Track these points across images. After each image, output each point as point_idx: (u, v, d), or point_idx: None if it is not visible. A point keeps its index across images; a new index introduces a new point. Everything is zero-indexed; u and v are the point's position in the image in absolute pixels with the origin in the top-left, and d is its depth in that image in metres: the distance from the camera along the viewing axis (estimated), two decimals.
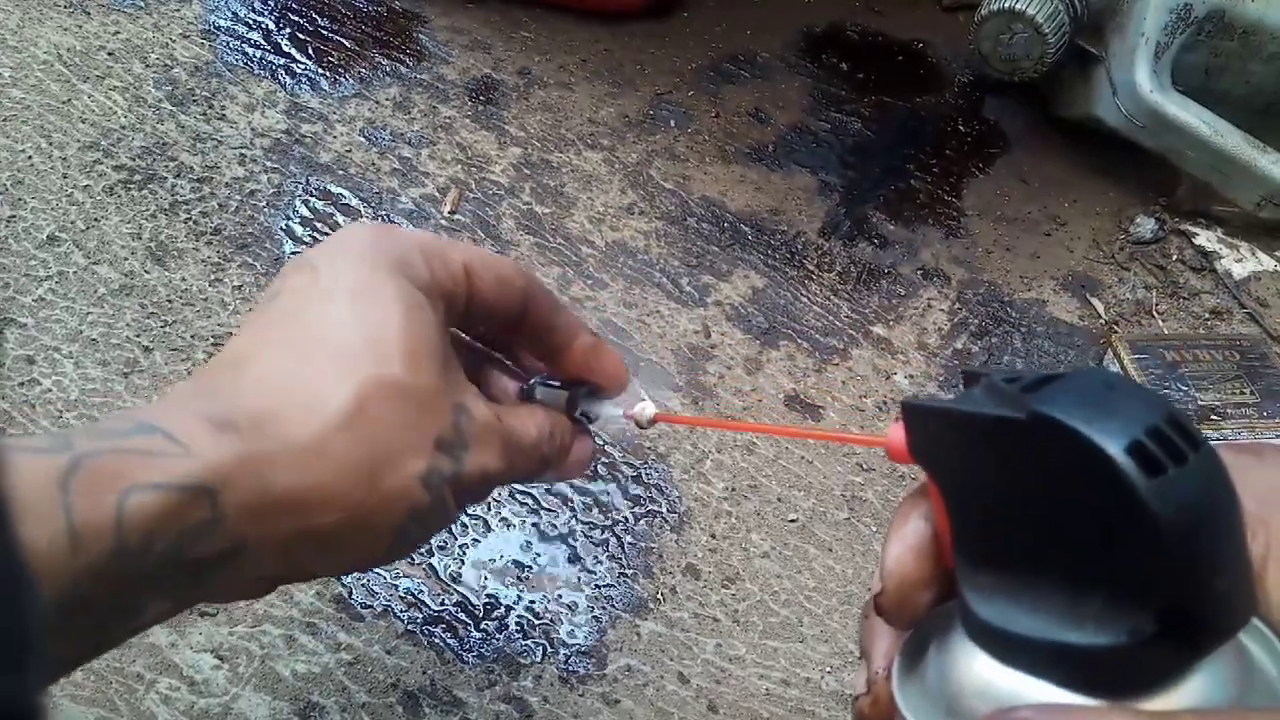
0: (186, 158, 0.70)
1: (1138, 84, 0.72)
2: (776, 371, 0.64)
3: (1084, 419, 0.21)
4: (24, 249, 0.64)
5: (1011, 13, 0.72)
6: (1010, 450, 0.23)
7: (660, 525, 0.57)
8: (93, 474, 0.28)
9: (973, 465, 0.24)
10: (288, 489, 0.31)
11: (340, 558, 0.34)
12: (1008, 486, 0.23)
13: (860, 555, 0.57)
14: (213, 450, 0.30)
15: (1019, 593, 0.23)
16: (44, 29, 0.76)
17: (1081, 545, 0.22)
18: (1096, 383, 0.22)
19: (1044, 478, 0.22)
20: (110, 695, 0.48)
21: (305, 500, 0.31)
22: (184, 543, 0.29)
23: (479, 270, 0.37)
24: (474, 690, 0.50)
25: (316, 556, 0.33)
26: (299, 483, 0.31)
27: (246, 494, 0.30)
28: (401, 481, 0.33)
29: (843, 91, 0.82)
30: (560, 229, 0.70)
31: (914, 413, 0.25)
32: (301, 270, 0.36)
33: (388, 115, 0.75)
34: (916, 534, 0.26)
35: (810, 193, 0.75)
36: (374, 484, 0.32)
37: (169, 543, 0.29)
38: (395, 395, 0.33)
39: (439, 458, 0.34)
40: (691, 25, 0.86)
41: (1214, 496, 0.22)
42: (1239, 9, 0.72)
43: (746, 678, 0.52)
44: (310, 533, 0.32)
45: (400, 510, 0.33)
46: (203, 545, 0.30)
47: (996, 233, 0.74)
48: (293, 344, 0.34)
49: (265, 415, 0.32)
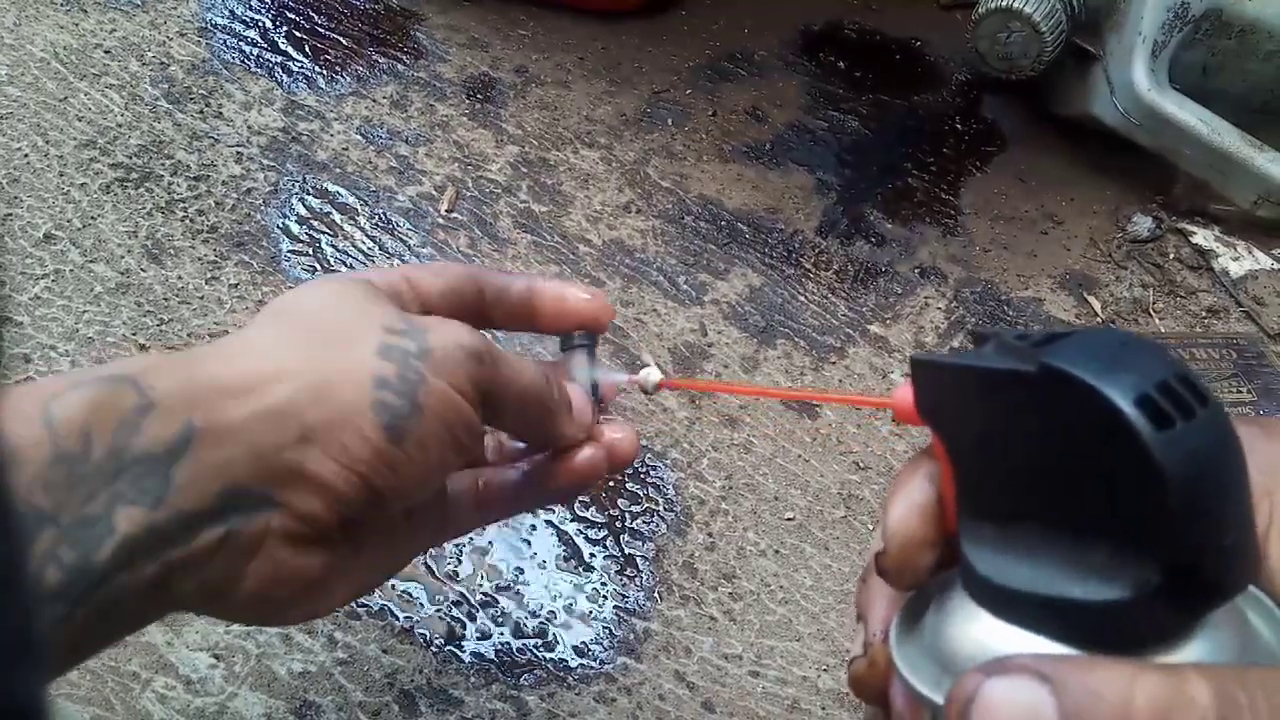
0: (183, 156, 0.70)
1: (1135, 82, 0.72)
2: (773, 370, 0.64)
3: (1094, 372, 0.21)
4: (20, 247, 0.64)
5: (1009, 11, 0.72)
6: (1019, 404, 0.23)
7: (657, 523, 0.57)
8: (17, 394, 0.29)
9: (980, 421, 0.24)
10: (219, 371, 0.31)
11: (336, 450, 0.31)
12: (1015, 441, 0.23)
13: (857, 554, 0.56)
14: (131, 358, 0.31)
15: (1022, 549, 0.23)
16: (40, 27, 0.76)
17: (1087, 499, 0.22)
18: (1107, 339, 0.22)
19: (1052, 432, 0.22)
20: (106, 694, 0.48)
21: (237, 381, 0.31)
22: (123, 433, 0.29)
23: (414, 274, 0.37)
24: (470, 689, 0.50)
25: (302, 447, 0.31)
26: (224, 366, 0.31)
27: (171, 379, 0.30)
28: (354, 355, 0.32)
29: (840, 90, 0.82)
30: (557, 227, 0.70)
31: (923, 369, 0.25)
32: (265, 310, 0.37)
33: (385, 113, 0.75)
34: (921, 493, 0.26)
35: (808, 191, 0.75)
36: (313, 358, 0.32)
37: (107, 436, 0.29)
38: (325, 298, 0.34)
39: (390, 336, 0.33)
40: (689, 23, 0.86)
41: (1221, 453, 0.22)
42: (1236, 8, 0.72)
43: (743, 676, 0.52)
44: (268, 411, 0.30)
45: (363, 380, 0.31)
46: (144, 436, 0.29)
47: (994, 231, 0.74)
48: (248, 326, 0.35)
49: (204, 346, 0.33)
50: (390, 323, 0.33)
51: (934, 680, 0.24)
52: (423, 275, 0.38)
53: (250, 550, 0.31)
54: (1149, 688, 0.19)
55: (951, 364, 0.24)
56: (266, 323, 0.34)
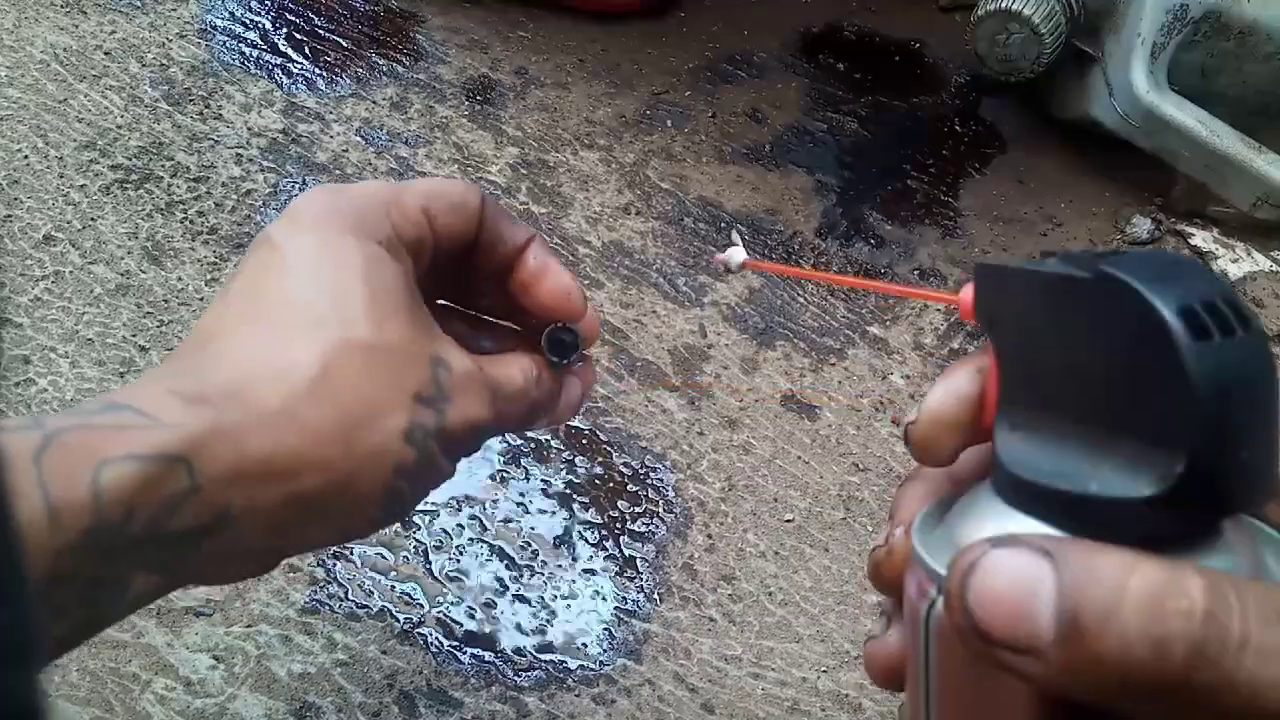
0: (183, 157, 0.70)
1: (1134, 84, 0.72)
2: (773, 371, 0.64)
3: (1144, 280, 0.22)
4: (20, 249, 0.64)
5: (1008, 13, 0.72)
6: (1071, 307, 0.24)
7: (657, 525, 0.57)
8: (65, 449, 0.28)
9: (1031, 323, 0.25)
10: (262, 455, 0.31)
11: (333, 524, 0.33)
12: (1061, 343, 0.25)
13: (856, 555, 0.57)
14: (183, 421, 0.30)
15: (1051, 446, 0.24)
16: (40, 28, 0.76)
17: (1119, 401, 0.23)
18: (1164, 257, 0.24)
19: (1098, 335, 0.23)
20: (106, 695, 0.48)
21: (282, 466, 0.31)
22: (164, 514, 0.29)
23: (436, 209, 0.36)
24: (470, 690, 0.50)
25: (307, 525, 0.33)
26: (272, 449, 0.31)
27: (222, 462, 0.30)
28: (381, 440, 0.33)
29: (839, 91, 0.82)
30: (557, 229, 0.70)
31: (986, 272, 0.26)
32: (260, 246, 0.36)
33: (384, 115, 0.75)
34: (965, 382, 0.27)
35: (807, 193, 0.75)
36: (350, 445, 0.32)
37: (149, 514, 0.29)
38: (363, 356, 0.33)
39: (420, 412, 0.33)
40: (688, 25, 0.86)
41: (1254, 372, 0.23)
42: (1235, 9, 0.72)
43: (743, 678, 0.52)
44: (295, 499, 0.32)
45: (385, 469, 0.33)
46: (184, 516, 0.30)
47: (993, 233, 0.74)
48: (258, 318, 0.34)
49: (234, 387, 0.32)
50: (422, 384, 0.34)
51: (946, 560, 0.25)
52: (444, 216, 0.37)
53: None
54: (1146, 574, 0.20)
55: (1015, 267, 0.26)
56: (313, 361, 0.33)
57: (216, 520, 0.30)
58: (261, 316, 0.34)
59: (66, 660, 0.48)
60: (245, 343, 0.33)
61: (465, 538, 0.55)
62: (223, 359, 0.33)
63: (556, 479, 0.58)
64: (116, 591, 0.30)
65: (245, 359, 0.33)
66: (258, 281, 0.35)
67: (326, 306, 0.33)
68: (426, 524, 0.55)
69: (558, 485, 0.57)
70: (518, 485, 0.57)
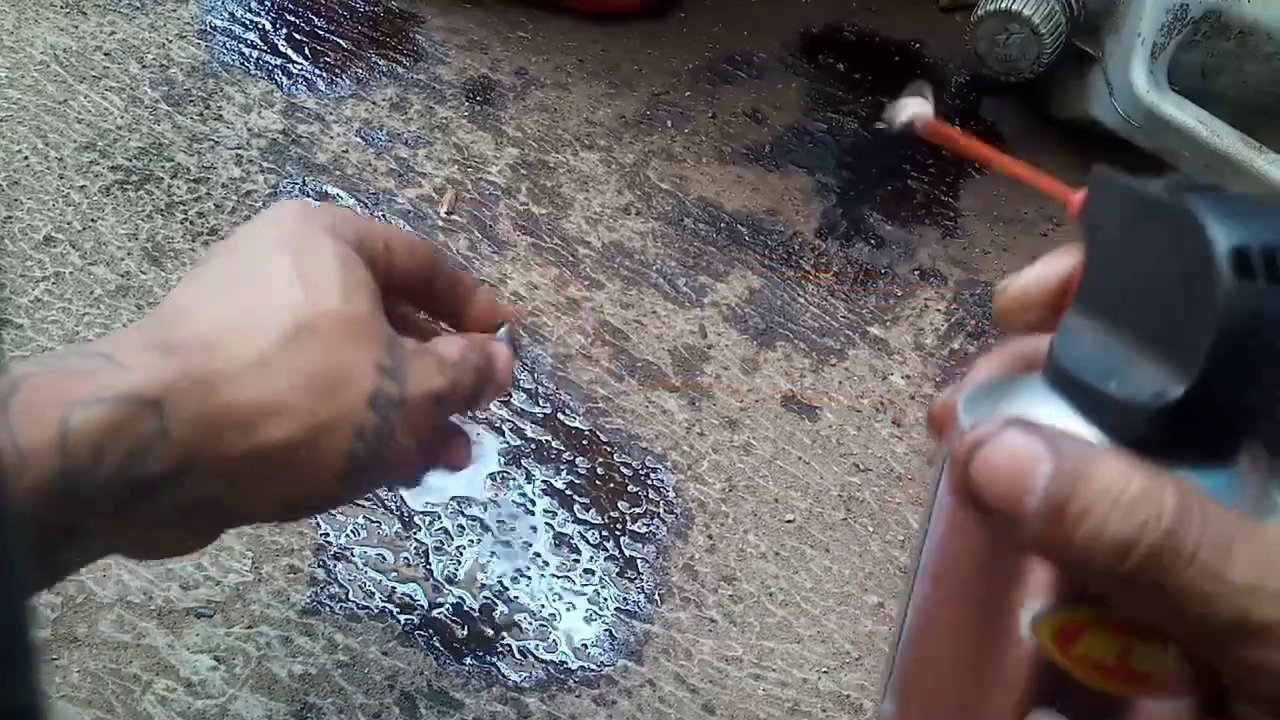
0: (183, 158, 0.70)
1: (1134, 84, 0.72)
2: (773, 372, 0.64)
3: (1214, 216, 0.24)
4: (20, 250, 0.64)
5: (1008, 13, 0.72)
6: (1154, 228, 0.26)
7: (658, 526, 0.57)
8: (33, 392, 0.29)
9: (1120, 235, 0.28)
10: (231, 401, 0.32)
11: (289, 486, 0.34)
12: (1137, 258, 0.27)
13: (857, 556, 0.57)
14: (155, 367, 0.31)
15: (1099, 347, 0.27)
16: (40, 29, 0.76)
17: (1165, 319, 0.25)
18: (1248, 201, 0.25)
19: (1166, 257, 0.25)
20: (107, 696, 0.48)
21: (249, 414, 0.32)
22: (132, 457, 0.29)
23: (397, 245, 0.40)
24: (470, 691, 0.50)
25: (265, 482, 0.33)
26: (241, 396, 0.32)
27: (192, 406, 0.31)
28: (348, 402, 0.34)
29: (839, 92, 0.82)
30: (557, 229, 0.70)
31: (1098, 182, 0.29)
32: (236, 234, 0.38)
33: (384, 116, 0.75)
34: (1055, 268, 0.30)
35: (807, 193, 0.75)
36: (318, 401, 0.33)
37: (118, 458, 0.29)
38: (335, 322, 0.34)
39: (383, 380, 0.35)
40: (688, 26, 0.86)
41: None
42: (1235, 9, 0.72)
43: (743, 678, 0.52)
44: (257, 450, 0.32)
45: (347, 431, 0.34)
46: (151, 461, 0.30)
47: (993, 233, 0.74)
48: (233, 288, 0.35)
49: (208, 341, 0.33)
50: (383, 357, 0.35)
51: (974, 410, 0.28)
52: (400, 251, 0.40)
53: None
54: (1131, 483, 0.22)
55: (1119, 182, 0.28)
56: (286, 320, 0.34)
57: (179, 468, 0.31)
58: (235, 287, 0.35)
59: (67, 661, 0.48)
60: (218, 305, 0.35)
61: (466, 539, 0.55)
62: (198, 319, 0.34)
63: (557, 480, 0.58)
64: (72, 541, 0.30)
65: (220, 317, 0.34)
66: (231, 262, 0.36)
67: (300, 282, 0.35)
68: (427, 525, 0.55)
69: (558, 486, 0.57)
70: (518, 486, 0.57)
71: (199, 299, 0.35)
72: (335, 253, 0.36)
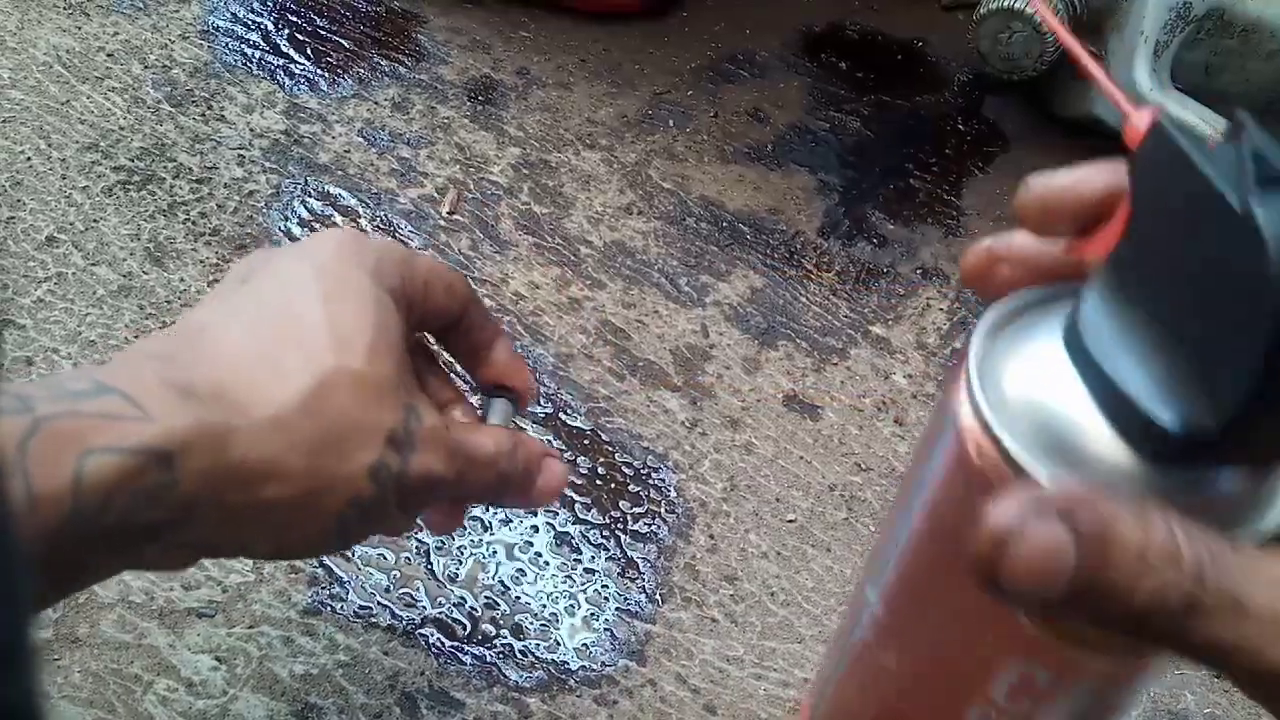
0: (185, 159, 0.70)
1: (1137, 82, 0.72)
2: (775, 371, 0.64)
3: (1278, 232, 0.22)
4: (23, 250, 0.64)
5: (1010, 11, 0.72)
6: (1212, 223, 0.23)
7: (659, 526, 0.57)
8: (51, 437, 0.29)
9: (1167, 207, 0.24)
10: (243, 460, 0.32)
11: (280, 538, 0.34)
12: (1183, 243, 0.24)
13: (859, 555, 0.56)
14: (172, 416, 0.30)
15: (1126, 331, 0.25)
16: (43, 30, 0.76)
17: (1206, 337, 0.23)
18: None
19: (1224, 266, 0.23)
20: (109, 697, 0.48)
21: (258, 472, 0.32)
22: (139, 506, 0.30)
23: (436, 283, 0.39)
24: (472, 691, 0.50)
25: (258, 532, 0.34)
26: (254, 455, 0.32)
27: (203, 461, 0.31)
28: (352, 468, 0.34)
29: (842, 91, 0.82)
30: (559, 229, 0.70)
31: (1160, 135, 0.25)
32: (275, 258, 0.37)
33: (386, 116, 0.75)
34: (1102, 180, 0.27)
35: (809, 192, 0.75)
36: (324, 465, 0.33)
37: (125, 505, 0.29)
38: (354, 385, 0.34)
39: (388, 453, 0.34)
40: (690, 25, 0.86)
41: None
42: (1239, 7, 0.72)
43: (744, 678, 0.52)
44: (257, 506, 0.32)
45: (343, 497, 0.34)
46: (158, 510, 0.30)
47: (996, 232, 0.74)
48: (259, 324, 0.35)
49: (225, 387, 0.32)
50: (396, 426, 0.35)
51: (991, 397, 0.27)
52: (437, 290, 0.39)
53: None
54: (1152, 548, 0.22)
55: (1184, 152, 0.24)
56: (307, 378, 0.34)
57: (184, 515, 0.31)
58: (263, 323, 0.35)
59: (69, 661, 0.48)
60: (241, 344, 0.34)
61: (467, 538, 0.55)
62: (217, 354, 0.33)
63: None
64: (77, 575, 0.31)
65: (240, 361, 0.33)
66: (265, 289, 0.36)
67: (330, 330, 0.34)
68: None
69: None
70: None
71: (223, 329, 0.35)
72: (371, 301, 0.35)
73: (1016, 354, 0.28)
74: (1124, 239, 0.26)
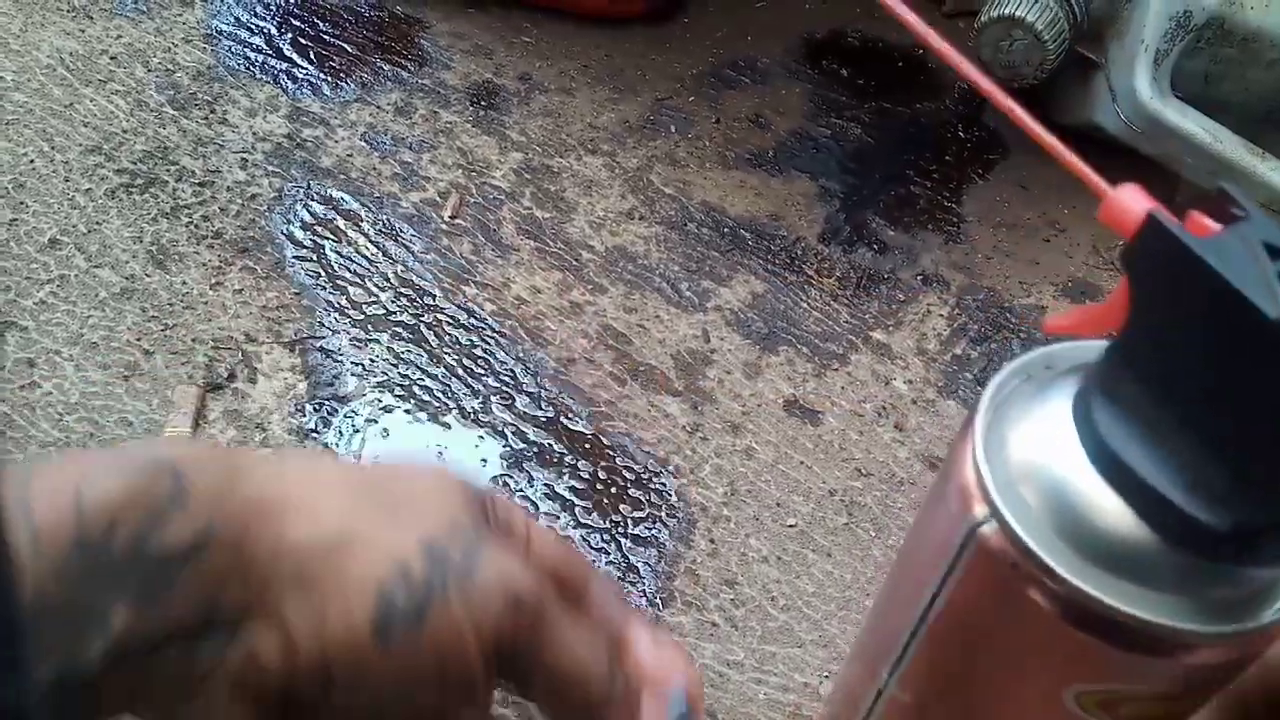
0: (188, 162, 0.70)
1: (1137, 91, 0.72)
2: (776, 377, 0.64)
3: None
4: (25, 252, 0.64)
5: (1011, 19, 0.72)
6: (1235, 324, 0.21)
7: (660, 530, 0.57)
8: (54, 469, 0.27)
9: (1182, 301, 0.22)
10: (260, 486, 0.29)
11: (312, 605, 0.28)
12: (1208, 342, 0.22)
13: (859, 560, 0.57)
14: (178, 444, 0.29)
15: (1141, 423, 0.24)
16: (46, 33, 0.76)
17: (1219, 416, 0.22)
18: None
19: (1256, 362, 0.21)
20: None
21: (278, 503, 0.29)
22: (148, 527, 0.27)
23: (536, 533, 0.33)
24: None
25: (287, 590, 0.28)
26: (274, 487, 0.29)
27: (212, 476, 0.28)
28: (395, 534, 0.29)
29: (843, 97, 0.83)
30: (560, 234, 0.70)
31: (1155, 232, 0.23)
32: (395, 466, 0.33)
33: (389, 120, 0.75)
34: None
35: (810, 198, 0.75)
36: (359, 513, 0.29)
37: (133, 528, 0.27)
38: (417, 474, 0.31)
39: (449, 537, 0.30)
40: (692, 31, 0.86)
41: None
42: (1238, 16, 0.72)
43: (745, 683, 0.52)
44: (284, 547, 0.28)
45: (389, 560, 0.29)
46: (168, 534, 0.27)
47: (996, 238, 0.74)
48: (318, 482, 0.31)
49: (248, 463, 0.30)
50: (457, 522, 0.30)
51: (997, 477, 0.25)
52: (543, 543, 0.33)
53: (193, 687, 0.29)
54: None
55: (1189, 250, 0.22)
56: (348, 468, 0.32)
57: (197, 543, 0.28)
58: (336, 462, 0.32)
59: None
60: None
61: None
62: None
63: (559, 484, 0.58)
64: (97, 627, 0.27)
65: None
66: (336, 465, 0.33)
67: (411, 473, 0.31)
68: None
69: (560, 490, 0.57)
70: (521, 490, 0.57)
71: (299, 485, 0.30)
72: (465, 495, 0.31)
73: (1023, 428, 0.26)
74: (1127, 330, 0.24)
